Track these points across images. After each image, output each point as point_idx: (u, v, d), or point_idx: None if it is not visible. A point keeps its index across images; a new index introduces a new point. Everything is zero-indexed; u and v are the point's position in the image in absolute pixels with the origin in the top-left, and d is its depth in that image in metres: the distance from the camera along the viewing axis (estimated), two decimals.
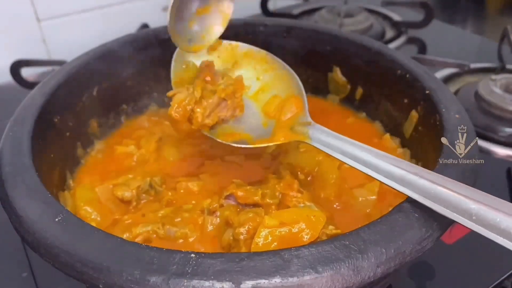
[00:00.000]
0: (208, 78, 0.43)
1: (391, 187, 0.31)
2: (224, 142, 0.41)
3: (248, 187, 0.40)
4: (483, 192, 0.27)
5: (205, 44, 0.45)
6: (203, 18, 0.44)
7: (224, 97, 0.42)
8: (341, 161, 0.35)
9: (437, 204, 0.28)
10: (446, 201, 0.28)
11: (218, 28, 0.45)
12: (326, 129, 0.38)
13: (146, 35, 0.56)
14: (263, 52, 0.46)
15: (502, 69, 0.73)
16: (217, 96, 0.41)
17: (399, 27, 0.89)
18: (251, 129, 0.43)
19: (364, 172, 0.33)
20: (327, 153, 0.46)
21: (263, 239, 0.34)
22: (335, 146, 0.35)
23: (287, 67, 0.45)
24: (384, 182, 0.31)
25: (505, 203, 0.26)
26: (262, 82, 0.45)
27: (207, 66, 0.44)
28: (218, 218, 0.39)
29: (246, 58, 0.46)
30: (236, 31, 0.50)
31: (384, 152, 0.33)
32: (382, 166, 0.32)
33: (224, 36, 0.47)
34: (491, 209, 0.26)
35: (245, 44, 0.47)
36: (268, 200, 0.39)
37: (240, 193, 0.39)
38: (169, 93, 0.42)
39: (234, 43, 0.47)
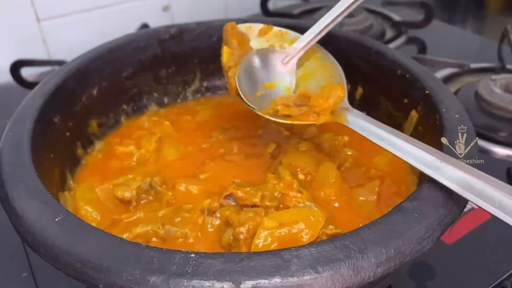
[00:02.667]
0: (234, 42, 0.45)
1: (420, 170, 0.32)
2: (263, 115, 0.42)
3: (248, 188, 0.40)
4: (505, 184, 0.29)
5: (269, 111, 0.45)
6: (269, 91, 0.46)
7: None
8: (375, 143, 0.36)
9: (462, 188, 0.30)
10: (472, 187, 0.29)
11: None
12: (362, 114, 0.40)
13: (146, 35, 0.56)
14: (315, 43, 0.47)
15: (502, 69, 0.73)
16: None
17: (399, 27, 0.89)
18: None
19: (397, 155, 0.34)
20: (327, 153, 0.47)
21: (263, 240, 0.34)
22: (371, 130, 0.37)
23: (332, 58, 0.46)
24: (414, 165, 0.33)
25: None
26: (305, 69, 0.47)
27: (231, 29, 0.46)
28: (218, 219, 0.39)
29: (292, 45, 0.47)
30: None
31: (413, 138, 0.35)
32: (413, 151, 0.34)
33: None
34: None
35: (294, 32, 0.48)
36: (267, 202, 0.39)
37: (239, 194, 0.39)
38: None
39: (284, 30, 0.49)
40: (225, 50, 0.46)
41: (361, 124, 0.38)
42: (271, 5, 0.93)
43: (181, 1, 0.90)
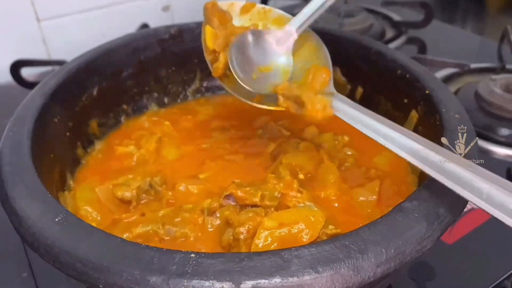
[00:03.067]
0: (216, 21, 0.43)
1: (407, 160, 0.31)
2: (248, 102, 0.41)
3: (247, 188, 0.40)
4: (496, 175, 0.28)
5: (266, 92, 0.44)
6: (265, 74, 0.44)
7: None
8: (361, 131, 0.35)
9: (449, 180, 0.29)
10: (460, 178, 0.28)
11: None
12: (348, 100, 0.38)
13: (146, 35, 0.56)
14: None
15: (502, 69, 0.73)
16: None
17: (399, 27, 0.89)
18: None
19: (382, 144, 0.33)
20: (327, 154, 0.47)
21: (263, 240, 0.34)
22: (357, 117, 0.36)
23: (317, 37, 0.45)
24: (401, 155, 0.32)
25: None
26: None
27: (212, 6, 0.44)
28: (218, 219, 0.39)
29: (276, 24, 0.46)
30: None
31: (403, 127, 0.33)
32: (401, 140, 0.32)
33: None
34: (502, 191, 0.27)
35: (277, 10, 0.47)
36: (267, 202, 0.39)
37: (239, 194, 0.39)
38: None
39: (267, 7, 0.47)
40: (207, 30, 0.44)
41: (348, 111, 0.37)
42: (271, 5, 0.93)
43: (181, 1, 0.90)
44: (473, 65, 0.73)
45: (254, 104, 0.41)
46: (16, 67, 0.68)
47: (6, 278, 0.44)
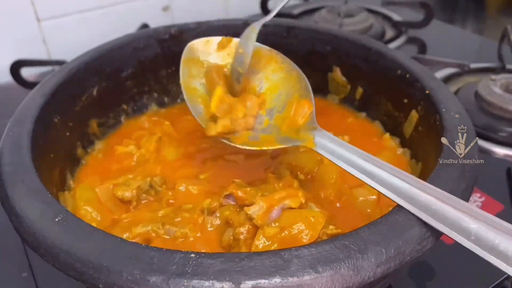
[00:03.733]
0: (221, 86, 0.42)
1: (392, 200, 0.31)
2: (233, 144, 0.41)
3: (248, 189, 0.40)
4: (484, 212, 0.27)
5: None
6: None
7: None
8: (343, 169, 0.35)
9: (437, 221, 0.28)
10: (447, 218, 0.28)
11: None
12: (330, 135, 0.38)
13: (146, 35, 0.56)
14: (273, 51, 0.45)
15: (502, 69, 0.73)
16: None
17: (399, 27, 0.89)
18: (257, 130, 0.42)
19: (365, 182, 0.33)
20: None
21: (263, 242, 0.34)
22: (339, 153, 0.35)
23: (297, 68, 0.44)
24: (385, 194, 0.31)
25: (504, 225, 0.26)
26: (270, 82, 0.45)
27: (217, 71, 0.44)
28: (218, 219, 0.39)
29: (255, 57, 0.45)
30: (236, 31, 0.49)
31: (387, 163, 0.33)
32: (384, 177, 0.32)
33: (224, 35, 0.47)
34: (491, 230, 0.26)
35: (256, 43, 0.46)
36: None
37: (239, 194, 0.39)
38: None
39: None
40: (217, 93, 0.42)
41: (329, 146, 0.36)
42: (271, 5, 0.93)
43: (181, 1, 0.90)
44: (473, 65, 0.73)
45: (241, 147, 0.40)
46: (16, 67, 0.69)
47: (6, 278, 0.44)
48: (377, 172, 0.32)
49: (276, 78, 0.45)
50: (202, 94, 0.45)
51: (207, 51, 0.46)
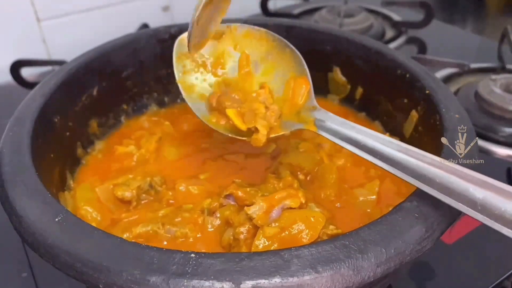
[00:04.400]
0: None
1: (398, 177, 0.30)
2: (242, 138, 0.41)
3: (248, 189, 0.40)
4: (489, 178, 0.27)
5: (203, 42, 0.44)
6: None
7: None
8: (348, 150, 0.34)
9: (443, 194, 0.28)
10: (453, 190, 0.27)
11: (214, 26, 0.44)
12: (331, 114, 0.38)
13: (146, 35, 0.56)
14: (262, 30, 0.45)
15: (502, 69, 0.73)
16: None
17: (399, 27, 0.89)
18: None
19: (370, 161, 0.32)
20: (327, 154, 0.47)
21: (263, 242, 0.34)
22: (342, 134, 0.35)
23: (288, 44, 0.43)
24: (390, 171, 0.31)
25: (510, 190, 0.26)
26: (265, 62, 0.44)
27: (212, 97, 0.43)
28: (218, 219, 0.39)
29: (246, 39, 0.45)
30: None
31: (392, 139, 0.32)
32: (388, 153, 0.31)
33: None
34: (497, 198, 0.26)
35: (244, 25, 0.45)
36: None
37: (239, 194, 0.39)
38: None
39: (232, 25, 0.46)
40: (232, 115, 0.41)
41: (332, 128, 0.36)
42: (271, 5, 0.93)
43: (181, 1, 0.90)
44: (473, 65, 0.73)
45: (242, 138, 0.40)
46: (16, 67, 0.69)
47: (6, 278, 0.44)
48: (380, 148, 0.32)
49: (271, 58, 0.44)
50: (199, 89, 0.45)
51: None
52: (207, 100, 0.44)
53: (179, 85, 0.44)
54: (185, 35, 0.44)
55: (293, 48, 0.43)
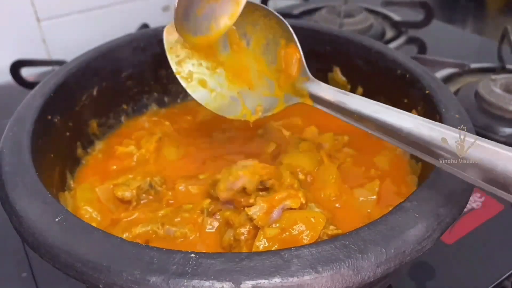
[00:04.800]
0: None
1: (396, 145, 0.30)
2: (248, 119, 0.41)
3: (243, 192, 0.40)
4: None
5: (212, 35, 0.43)
6: (213, 6, 0.41)
7: None
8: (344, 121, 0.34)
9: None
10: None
11: (226, 20, 0.42)
12: (325, 85, 0.37)
13: (146, 35, 0.56)
14: (240, 1, 0.42)
15: (502, 69, 0.73)
16: None
17: (399, 27, 0.89)
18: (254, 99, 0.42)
19: (366, 131, 0.32)
20: (327, 154, 0.47)
21: (263, 243, 0.34)
22: (336, 105, 0.34)
23: (271, 10, 0.43)
24: (395, 144, 0.31)
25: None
26: (254, 33, 0.43)
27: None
28: (217, 220, 0.39)
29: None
30: None
31: (390, 107, 0.32)
32: (388, 121, 0.31)
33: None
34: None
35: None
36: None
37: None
38: None
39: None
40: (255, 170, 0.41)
41: (326, 99, 0.35)
42: (271, 5, 0.93)
43: None
44: (473, 65, 0.73)
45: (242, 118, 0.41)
46: (16, 67, 0.69)
47: (6, 278, 0.44)
48: (379, 117, 0.31)
49: (258, 28, 0.43)
50: (198, 75, 0.44)
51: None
52: None
53: (177, 76, 0.44)
54: (169, 25, 0.44)
55: (277, 14, 0.42)
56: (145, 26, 0.78)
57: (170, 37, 0.45)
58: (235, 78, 0.44)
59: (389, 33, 0.89)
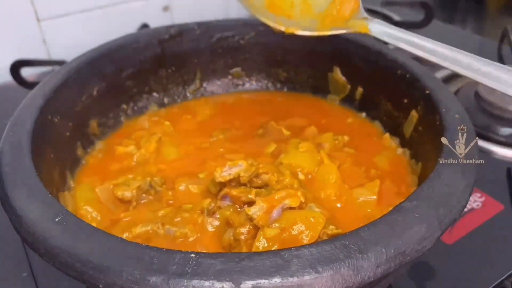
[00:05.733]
0: None
1: (457, 71, 0.34)
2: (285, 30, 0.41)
3: (242, 187, 0.40)
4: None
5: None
6: None
7: None
8: (406, 50, 0.37)
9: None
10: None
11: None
12: (385, 22, 0.38)
13: (146, 35, 0.56)
14: None
15: None
16: None
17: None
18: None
19: (430, 60, 0.35)
20: (327, 154, 0.47)
21: (263, 243, 0.34)
22: (397, 36, 0.37)
23: None
24: (450, 67, 0.34)
25: None
26: None
27: None
28: (217, 220, 0.39)
29: None
30: (236, 31, 0.50)
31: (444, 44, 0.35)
32: (448, 53, 0.35)
33: (225, 36, 0.47)
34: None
35: None
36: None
37: (234, 193, 0.39)
38: None
39: None
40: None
41: (387, 31, 0.37)
42: None
43: (181, 1, 0.90)
44: None
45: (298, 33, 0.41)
46: (16, 67, 0.68)
47: (6, 278, 0.44)
48: (439, 49, 0.36)
49: None
50: None
51: None
52: None
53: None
54: None
55: None
56: (145, 26, 0.78)
57: None
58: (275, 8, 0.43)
59: None
